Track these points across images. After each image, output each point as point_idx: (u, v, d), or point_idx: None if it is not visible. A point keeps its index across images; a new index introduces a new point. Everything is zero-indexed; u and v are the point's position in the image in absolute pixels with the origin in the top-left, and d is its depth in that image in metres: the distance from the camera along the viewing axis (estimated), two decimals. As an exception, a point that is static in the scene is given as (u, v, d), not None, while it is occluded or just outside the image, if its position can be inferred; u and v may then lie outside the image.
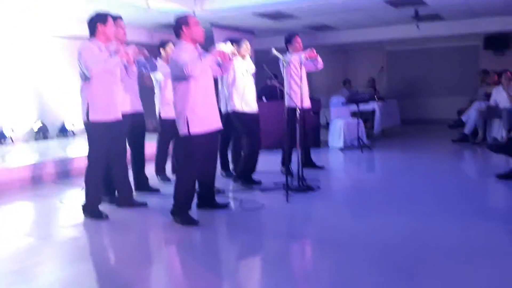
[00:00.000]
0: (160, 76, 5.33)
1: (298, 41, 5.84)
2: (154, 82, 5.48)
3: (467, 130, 8.34)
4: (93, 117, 4.04)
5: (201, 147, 3.89)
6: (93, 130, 4.10)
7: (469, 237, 3.44)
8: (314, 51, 5.62)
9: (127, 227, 4.04)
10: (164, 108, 5.43)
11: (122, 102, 4.42)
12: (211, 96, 3.97)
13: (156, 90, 5.53)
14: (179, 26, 3.89)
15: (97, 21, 4.04)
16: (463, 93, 10.99)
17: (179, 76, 3.79)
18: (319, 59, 5.78)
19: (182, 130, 3.85)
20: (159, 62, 5.29)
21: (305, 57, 5.57)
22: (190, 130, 3.81)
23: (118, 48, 4.09)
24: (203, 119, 3.86)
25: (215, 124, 3.99)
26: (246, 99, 5.09)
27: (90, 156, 4.18)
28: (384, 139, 9.30)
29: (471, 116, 8.28)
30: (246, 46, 5.18)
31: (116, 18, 4.31)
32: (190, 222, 3.88)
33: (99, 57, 3.94)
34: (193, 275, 2.96)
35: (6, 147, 7.64)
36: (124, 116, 4.32)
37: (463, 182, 5.45)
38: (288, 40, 5.87)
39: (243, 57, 5.16)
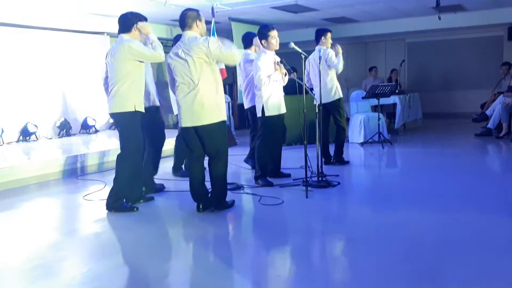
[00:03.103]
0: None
1: (329, 37, 5.84)
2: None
3: (491, 124, 8.16)
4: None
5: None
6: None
7: (491, 233, 3.38)
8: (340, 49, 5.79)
9: (148, 221, 4.07)
10: None
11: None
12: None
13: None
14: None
15: (134, 21, 4.23)
16: (486, 86, 10.74)
17: None
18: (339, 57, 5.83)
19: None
20: None
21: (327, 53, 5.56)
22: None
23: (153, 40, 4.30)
24: None
25: None
26: (273, 100, 4.94)
27: (125, 147, 4.25)
28: (406, 134, 9.18)
29: (496, 110, 8.11)
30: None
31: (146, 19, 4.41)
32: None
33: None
34: (211, 270, 2.97)
35: (30, 143, 7.79)
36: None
37: (486, 177, 5.34)
38: (321, 34, 5.84)
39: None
